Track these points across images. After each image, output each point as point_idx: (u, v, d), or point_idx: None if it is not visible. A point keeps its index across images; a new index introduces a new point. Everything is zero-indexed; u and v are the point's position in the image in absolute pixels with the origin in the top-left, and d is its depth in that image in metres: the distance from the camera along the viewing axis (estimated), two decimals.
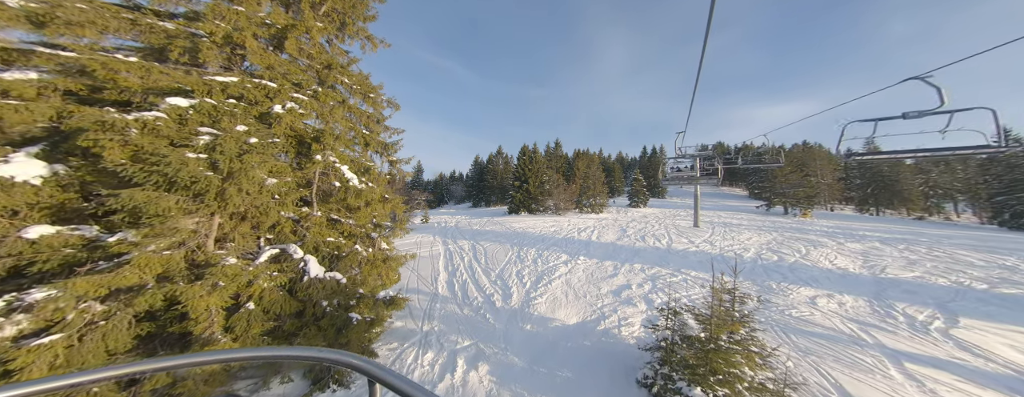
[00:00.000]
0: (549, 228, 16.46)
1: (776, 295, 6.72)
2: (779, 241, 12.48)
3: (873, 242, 12.46)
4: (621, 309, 6.16)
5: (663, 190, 42.53)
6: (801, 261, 9.47)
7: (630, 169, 46.65)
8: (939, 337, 4.95)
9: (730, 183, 50.82)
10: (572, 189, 25.41)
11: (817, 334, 5.03)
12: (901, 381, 3.82)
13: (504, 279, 8.19)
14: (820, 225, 17.93)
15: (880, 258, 9.90)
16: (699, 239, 13.07)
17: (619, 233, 14.82)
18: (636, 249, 11.37)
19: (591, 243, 12.64)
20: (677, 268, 8.76)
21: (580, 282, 7.86)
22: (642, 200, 29.45)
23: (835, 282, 7.59)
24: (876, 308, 6.08)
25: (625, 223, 18.24)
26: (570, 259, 10.07)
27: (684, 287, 7.21)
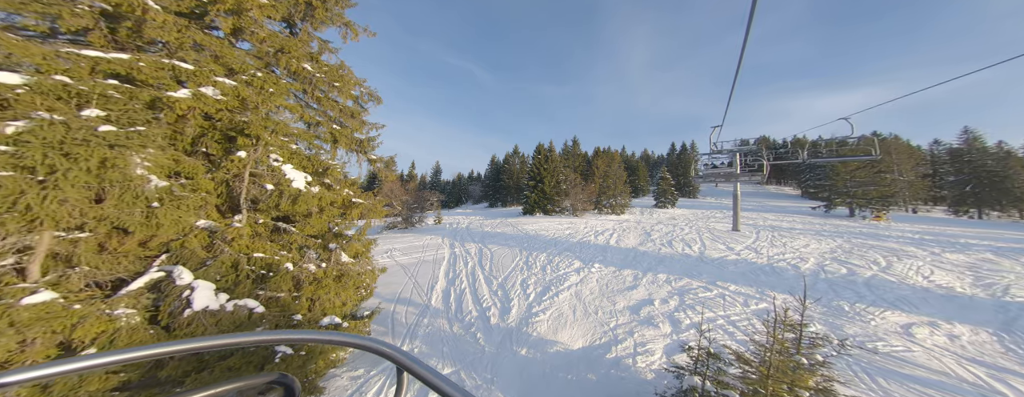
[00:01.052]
0: (564, 230, 15.22)
1: (851, 321, 5.09)
2: (847, 249, 10.16)
3: (983, 252, 9.70)
4: (639, 331, 4.94)
5: (694, 189, 38.76)
6: (882, 275, 7.44)
7: (656, 167, 43.20)
8: None
9: (777, 181, 44.98)
10: (591, 189, 23.73)
11: (923, 380, 3.54)
12: None
13: (506, 289, 7.27)
14: (900, 230, 14.57)
15: (998, 273, 7.52)
16: (740, 245, 11.05)
17: (642, 237, 13.16)
18: (661, 256, 9.81)
19: (609, 248, 11.24)
20: (711, 281, 7.20)
21: (592, 295, 6.69)
22: (670, 200, 26.77)
23: (937, 305, 5.66)
24: (1009, 345, 4.28)
25: (649, 226, 16.36)
26: (583, 267, 8.87)
27: (721, 305, 5.76)
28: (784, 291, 6.41)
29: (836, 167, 21.41)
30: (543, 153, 26.40)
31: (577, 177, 25.25)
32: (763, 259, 9.12)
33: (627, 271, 8.34)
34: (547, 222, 18.55)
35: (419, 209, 19.36)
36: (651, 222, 17.77)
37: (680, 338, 4.60)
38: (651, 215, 21.47)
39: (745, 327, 4.84)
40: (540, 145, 27.14)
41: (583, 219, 19.99)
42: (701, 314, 5.22)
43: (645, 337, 4.75)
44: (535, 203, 24.15)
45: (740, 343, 4.40)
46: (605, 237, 13.32)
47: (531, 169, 26.13)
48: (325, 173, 3.43)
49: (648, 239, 12.66)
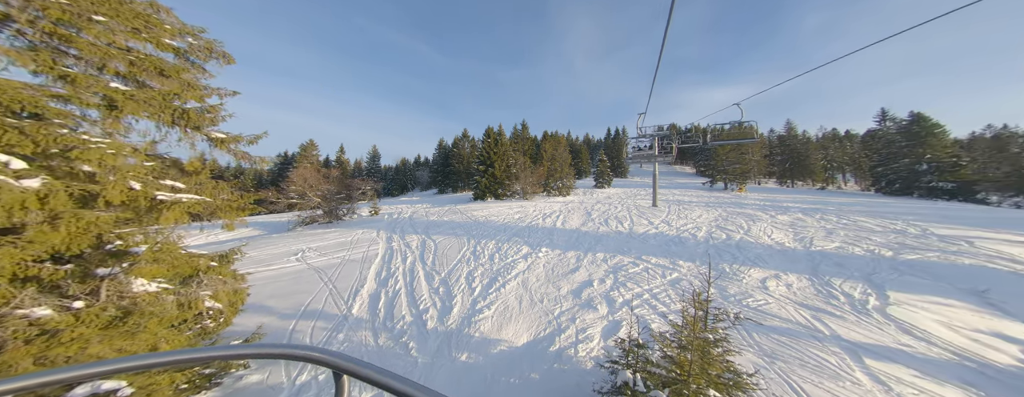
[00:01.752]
0: (514, 215, 14.97)
1: (731, 281, 5.94)
2: (724, 217, 12.38)
3: (796, 213, 13.05)
4: (580, 316, 4.83)
5: (625, 170, 43.41)
6: (746, 238, 9.09)
7: (596, 151, 46.60)
8: (880, 318, 4.51)
9: (681, 162, 53.71)
10: (540, 172, 24.02)
11: (777, 329, 4.23)
12: (870, 387, 3.14)
13: (449, 285, 6.50)
14: (753, 198, 18.96)
15: (805, 229, 10.10)
16: (657, 219, 12.48)
17: (584, 217, 13.81)
18: (599, 236, 10.33)
19: (555, 230, 11.39)
20: (638, 255, 7.73)
21: (538, 282, 6.46)
22: (607, 181, 29.27)
23: (777, 259, 7.11)
24: (818, 287, 5.60)
25: (590, 206, 17.41)
26: (531, 252, 8.65)
27: (646, 279, 6.11)
28: (689, 259, 7.27)
29: (716, 150, 26.63)
30: (492, 137, 25.29)
31: (527, 161, 25.21)
32: (673, 231, 10.33)
33: (571, 253, 8.44)
34: (498, 207, 18.09)
35: (348, 199, 16.48)
36: (592, 202, 19.00)
37: (615, 318, 4.63)
38: (591, 195, 23.05)
39: (664, 298, 5.20)
40: (489, 129, 25.88)
41: (533, 202, 20.19)
42: (631, 290, 5.55)
43: (586, 322, 4.64)
44: (486, 188, 23.34)
45: (660, 316, 4.62)
46: (552, 219, 13.54)
47: (481, 153, 24.88)
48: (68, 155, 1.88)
49: (589, 219, 13.34)
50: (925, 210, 14.10)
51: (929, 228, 9.79)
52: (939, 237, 8.68)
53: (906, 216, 12.15)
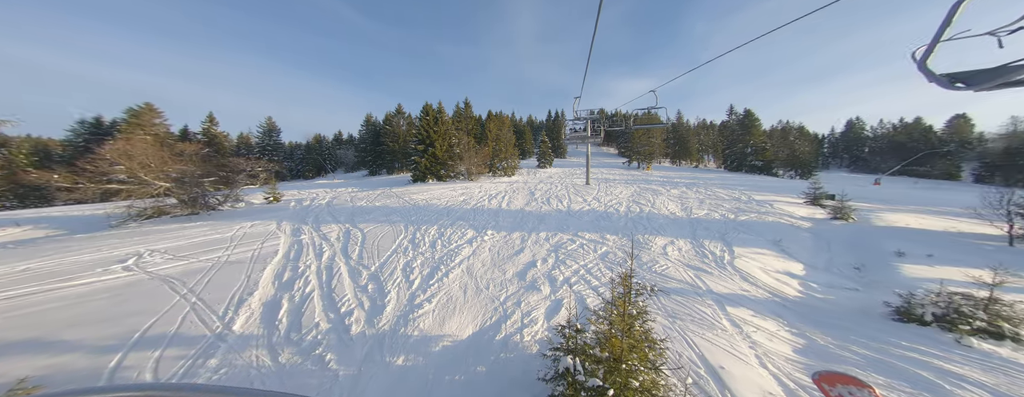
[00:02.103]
0: (458, 197, 14.13)
1: (643, 249, 6.83)
2: (638, 193, 14.40)
3: (682, 187, 16.26)
4: (525, 299, 4.78)
5: (564, 150, 46.29)
6: (652, 210, 10.74)
7: (538, 132, 47.78)
8: (730, 270, 5.53)
9: (607, 144, 60.78)
10: (484, 152, 23.12)
11: (675, 290, 4.91)
12: (732, 332, 3.80)
13: (382, 280, 5.60)
14: (656, 176, 23.04)
15: (687, 201, 12.62)
16: (590, 196, 13.76)
17: (528, 197, 14.10)
18: (542, 215, 10.69)
19: (501, 212, 11.24)
20: (575, 232, 8.24)
21: (484, 267, 6.20)
22: (548, 161, 30.64)
23: (672, 228, 8.53)
24: (697, 249, 6.69)
25: (534, 185, 17.93)
26: (477, 235, 8.26)
27: (581, 255, 6.50)
28: (614, 233, 8.08)
29: (633, 134, 31.31)
30: (432, 114, 22.57)
31: (470, 140, 23.78)
32: (602, 206, 11.49)
33: (516, 234, 8.44)
34: (441, 189, 16.77)
35: (225, 184, 12.39)
36: (535, 182, 19.61)
37: (557, 297, 4.75)
38: (535, 175, 23.80)
39: (596, 273, 5.59)
40: (428, 105, 22.91)
41: (478, 183, 19.52)
42: (570, 268, 5.90)
43: (530, 304, 4.62)
44: (427, 169, 21.23)
45: (594, 290, 4.91)
46: (498, 200, 13.34)
47: (419, 131, 22.07)
48: None
49: (533, 198, 13.69)
50: (750, 182, 19.67)
51: (752, 195, 13.63)
52: (757, 202, 12.17)
53: (740, 187, 16.58)
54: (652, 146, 30.87)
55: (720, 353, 2.89)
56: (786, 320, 3.91)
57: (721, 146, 37.55)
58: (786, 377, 2.65)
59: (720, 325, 3.71)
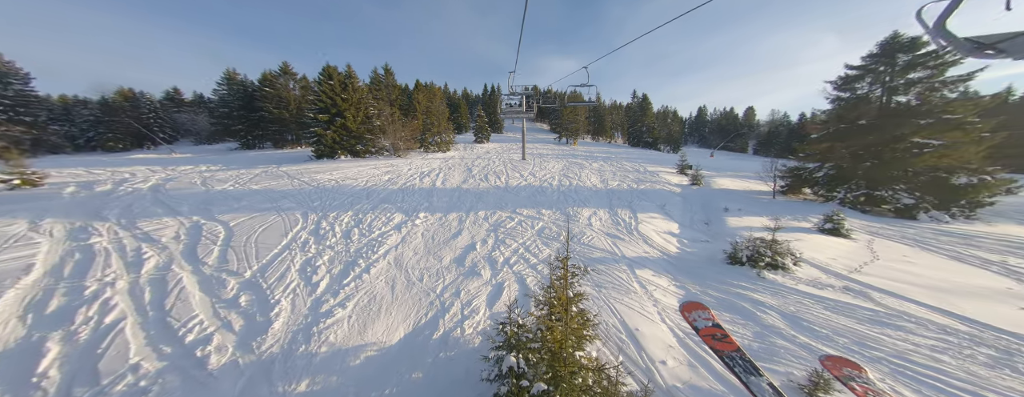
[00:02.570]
0: (383, 176, 11.86)
1: (573, 222, 6.92)
2: (567, 167, 15.25)
3: (600, 161, 17.07)
4: (465, 287, 4.37)
5: (501, 125, 45.03)
6: (579, 183, 11.49)
7: (474, 106, 44.22)
8: (636, 235, 6.07)
9: (541, 120, 62.48)
10: (413, 125, 19.78)
11: (600, 260, 5.03)
12: (641, 294, 3.98)
13: (263, 289, 4.11)
14: (581, 151, 25.11)
15: (604, 173, 13.42)
16: (526, 172, 13.88)
17: (465, 174, 13.09)
18: (480, 192, 10.11)
19: (435, 191, 10.04)
20: (513, 209, 8.07)
21: (416, 257, 5.37)
22: (486, 136, 29.17)
23: (594, 199, 8.97)
24: (613, 218, 7.13)
25: (471, 161, 16.79)
26: (407, 220, 7.10)
27: (520, 233, 6.36)
28: (549, 207, 8.24)
29: (562, 111, 33.23)
30: (337, 79, 17.15)
31: (395, 112, 19.77)
32: (537, 181, 11.73)
33: (453, 215, 7.69)
34: (356, 167, 13.71)
35: None
36: (472, 157, 18.40)
37: (498, 280, 4.53)
38: (472, 150, 22.35)
39: (535, 250, 5.54)
40: (329, 68, 17.13)
41: (408, 160, 16.89)
42: (509, 247, 5.75)
43: (470, 292, 4.25)
44: (336, 143, 16.80)
45: (533, 268, 4.74)
46: (432, 178, 11.87)
47: (320, 98, 16.63)
48: None
49: (470, 175, 12.79)
50: (645, 156, 23.89)
51: (647, 167, 16.61)
52: (650, 173, 14.88)
53: (639, 160, 19.91)
54: (578, 123, 33.48)
55: (635, 316, 3.31)
56: (672, 275, 4.55)
57: (626, 125, 43.93)
58: (677, 328, 3.27)
59: (632, 288, 4.04)
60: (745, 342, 2.87)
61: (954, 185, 7.56)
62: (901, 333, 3.32)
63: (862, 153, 8.82)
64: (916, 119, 8.10)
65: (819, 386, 2.23)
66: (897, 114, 8.46)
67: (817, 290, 4.10)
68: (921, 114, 8.10)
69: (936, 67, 8.06)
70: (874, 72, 9.09)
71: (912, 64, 8.35)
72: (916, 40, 8.38)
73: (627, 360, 2.82)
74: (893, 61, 8.71)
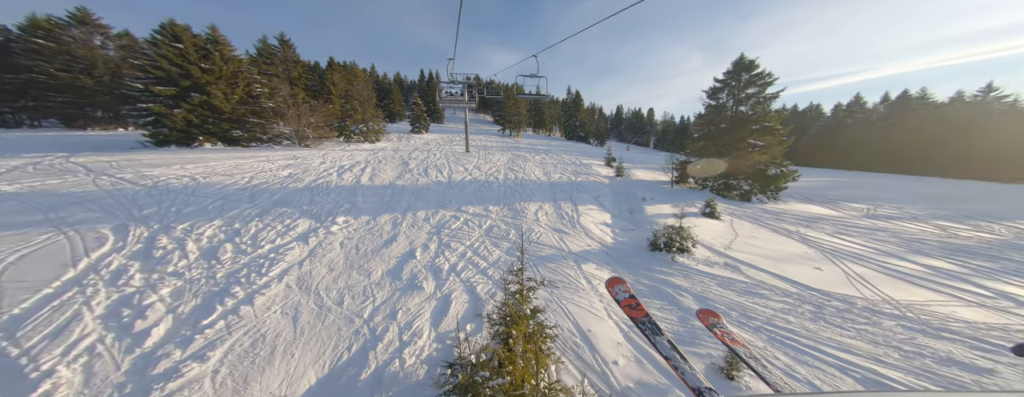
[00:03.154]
0: (279, 172, 9.08)
1: (521, 218, 6.57)
2: (512, 159, 15.05)
3: (542, 154, 17.24)
4: (404, 306, 3.56)
5: (441, 115, 41.75)
6: (524, 177, 11.23)
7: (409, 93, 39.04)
8: (579, 228, 6.10)
9: (484, 111, 60.94)
10: (328, 111, 15.86)
11: (550, 258, 4.78)
12: (588, 290, 3.85)
13: (9, 358, 2.34)
14: (525, 143, 25.42)
15: (546, 166, 13.40)
16: (471, 165, 13.03)
17: (400, 168, 11.33)
18: (420, 189, 8.86)
19: (361, 189, 8.25)
20: (458, 206, 7.37)
21: (333, 275, 4.13)
22: (424, 126, 26.34)
23: (539, 193, 8.68)
24: (558, 212, 7.04)
25: (408, 153, 14.75)
26: (318, 227, 5.51)
27: (467, 234, 5.76)
28: (495, 203, 7.59)
29: (505, 103, 33.33)
30: (191, 43, 11.81)
31: (298, 93, 15.35)
32: (483, 175, 11.08)
33: (385, 217, 6.42)
34: (234, 159, 10.18)
35: None
36: (409, 149, 16.19)
37: (444, 292, 3.89)
38: (408, 141, 19.75)
39: (483, 252, 4.92)
40: (177, 28, 11.64)
41: (320, 151, 13.54)
42: (455, 251, 5.04)
43: (411, 312, 3.49)
44: (194, 126, 11.97)
45: (483, 274, 4.23)
46: (356, 173, 9.77)
47: (158, 65, 11.20)
48: None
49: (407, 169, 11.14)
50: (579, 149, 25.85)
51: (582, 160, 18.06)
52: (585, 165, 16.17)
53: (575, 153, 21.34)
54: (520, 116, 34.08)
55: (586, 316, 3.31)
56: (611, 267, 4.67)
57: (562, 119, 47.27)
58: (621, 322, 3.44)
59: (581, 285, 3.94)
60: (672, 328, 3.23)
61: (769, 175, 11.07)
62: (763, 300, 3.89)
63: (722, 150, 11.77)
64: (750, 125, 11.27)
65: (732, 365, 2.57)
66: (741, 120, 11.58)
67: (709, 268, 4.78)
68: (753, 121, 11.32)
69: (761, 85, 11.33)
70: (729, 86, 12.10)
71: (750, 82, 11.51)
72: (752, 61, 11.52)
73: (583, 365, 2.75)
74: (739, 78, 11.77)
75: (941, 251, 6.44)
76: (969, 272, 5.32)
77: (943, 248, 6.68)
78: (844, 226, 8.22)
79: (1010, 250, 6.64)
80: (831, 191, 13.97)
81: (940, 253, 6.30)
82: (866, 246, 6.58)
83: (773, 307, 3.72)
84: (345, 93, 16.96)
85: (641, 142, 57.32)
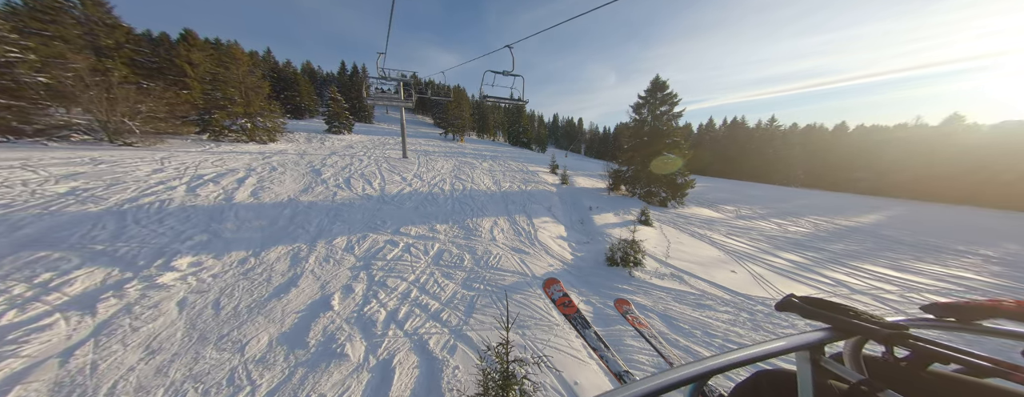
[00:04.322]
0: (49, 187, 5.57)
1: (476, 238, 5.81)
2: (458, 166, 14.03)
3: (489, 160, 16.71)
4: (314, 391, 2.27)
5: (370, 114, 36.57)
6: (473, 187, 10.21)
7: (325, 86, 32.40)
8: (538, 245, 5.73)
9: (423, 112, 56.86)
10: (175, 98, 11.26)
11: (515, 287, 4.16)
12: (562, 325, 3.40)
13: None
14: (469, 148, 24.60)
15: (495, 173, 13.13)
16: (410, 174, 11.42)
17: (308, 178, 8.80)
18: (338, 206, 6.91)
19: (230, 209, 5.81)
20: (396, 228, 6.03)
21: (150, 369, 2.38)
22: (345, 125, 22.11)
23: (491, 205, 8.24)
24: (513, 227, 6.62)
25: (321, 158, 11.80)
26: (128, 278, 3.47)
27: (409, 265, 4.61)
28: (443, 220, 6.66)
29: (446, 105, 30.73)
30: None
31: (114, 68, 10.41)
32: (426, 186, 9.76)
33: (278, 251, 4.58)
34: None
35: None
36: (323, 153, 13.02)
37: (382, 357, 2.73)
38: (323, 143, 16.01)
39: (433, 289, 3.97)
40: None
41: (157, 152, 9.32)
42: (394, 292, 3.83)
43: None
44: None
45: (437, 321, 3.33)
46: (226, 186, 6.97)
47: None
48: None
49: (317, 180, 8.71)
50: (523, 155, 26.48)
51: (528, 166, 18.41)
52: (532, 172, 16.36)
53: (520, 159, 21.31)
54: (463, 120, 32.61)
55: (568, 362, 2.79)
56: (577, 290, 4.34)
57: (506, 124, 48.64)
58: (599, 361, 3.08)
59: (553, 319, 3.47)
60: (655, 359, 3.06)
61: (677, 183, 13.73)
62: (712, 312, 3.93)
63: (645, 160, 13.95)
64: (664, 139, 13.75)
65: None
66: (658, 134, 13.99)
67: (661, 281, 4.82)
68: (666, 135, 13.84)
69: (671, 104, 14.01)
70: (648, 103, 14.51)
71: (662, 100, 14.07)
72: (664, 82, 14.17)
73: None
74: (656, 96, 14.27)
75: (791, 246, 7.97)
76: (811, 263, 6.57)
77: (788, 243, 8.36)
78: (730, 228, 10.39)
79: (819, 241, 8.79)
80: (707, 195, 18.52)
81: (791, 248, 7.73)
82: (749, 245, 7.83)
83: (722, 319, 4.00)
84: (211, 77, 12.34)
85: (574, 149, 64.94)
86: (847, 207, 18.92)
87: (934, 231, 12.19)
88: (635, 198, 13.95)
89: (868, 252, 8.23)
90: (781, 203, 18.58)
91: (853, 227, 12.58)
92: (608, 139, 60.98)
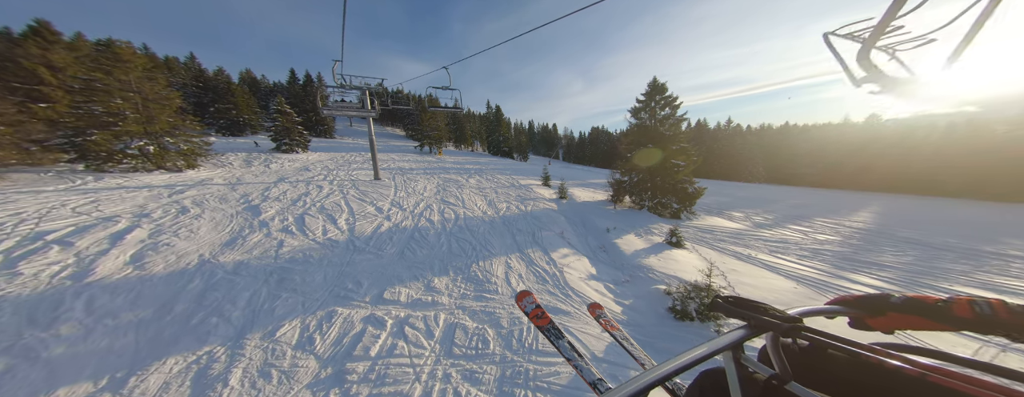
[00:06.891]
0: None
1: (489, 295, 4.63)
2: (442, 186, 12.58)
3: (476, 175, 15.64)
4: None
5: (329, 127, 33.44)
6: (466, 212, 9.09)
7: (271, 97, 29.00)
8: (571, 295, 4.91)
9: (392, 124, 54.06)
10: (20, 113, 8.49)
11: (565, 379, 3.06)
12: None
13: None
14: (449, 161, 22.94)
15: (486, 191, 12.12)
16: (386, 201, 9.56)
17: (240, 219, 6.72)
18: (285, 264, 5.03)
19: (79, 296, 3.71)
20: (378, 293, 4.38)
21: None
22: (299, 142, 19.42)
23: (495, 238, 7.11)
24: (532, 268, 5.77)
25: (261, 188, 9.58)
26: None
27: (407, 367, 3.07)
28: (441, 271, 5.24)
29: (420, 116, 29.16)
30: None
31: None
32: (409, 219, 8.09)
33: (159, 373, 2.78)
34: None
35: None
36: (267, 180, 10.69)
37: None
38: (267, 166, 13.48)
39: None
40: None
41: None
42: None
43: None
44: None
45: None
46: (78, 253, 4.79)
47: None
48: None
49: (251, 223, 6.64)
50: (509, 166, 25.22)
51: (518, 179, 17.01)
52: (524, 186, 14.92)
53: (507, 171, 19.51)
54: (439, 131, 30.85)
55: None
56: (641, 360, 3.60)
57: (484, 134, 47.77)
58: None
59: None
60: None
61: (688, 193, 13.23)
62: None
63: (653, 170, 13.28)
64: (670, 144, 13.19)
65: None
66: (662, 139, 13.37)
67: None
68: (672, 141, 13.28)
69: (673, 107, 13.53)
70: (648, 107, 13.94)
71: (663, 103, 13.60)
72: (663, 85, 13.75)
73: None
74: (655, 99, 13.74)
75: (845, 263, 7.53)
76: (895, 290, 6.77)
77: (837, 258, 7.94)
78: (764, 242, 9.70)
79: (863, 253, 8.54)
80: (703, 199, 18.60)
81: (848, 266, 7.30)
82: (806, 265, 7.26)
83: None
84: (85, 85, 9.54)
85: (552, 154, 66.19)
86: (830, 204, 19.37)
87: (937, 230, 12.42)
88: (644, 211, 13.15)
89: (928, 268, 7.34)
90: (774, 204, 19.10)
91: (865, 228, 12.79)
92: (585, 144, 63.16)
